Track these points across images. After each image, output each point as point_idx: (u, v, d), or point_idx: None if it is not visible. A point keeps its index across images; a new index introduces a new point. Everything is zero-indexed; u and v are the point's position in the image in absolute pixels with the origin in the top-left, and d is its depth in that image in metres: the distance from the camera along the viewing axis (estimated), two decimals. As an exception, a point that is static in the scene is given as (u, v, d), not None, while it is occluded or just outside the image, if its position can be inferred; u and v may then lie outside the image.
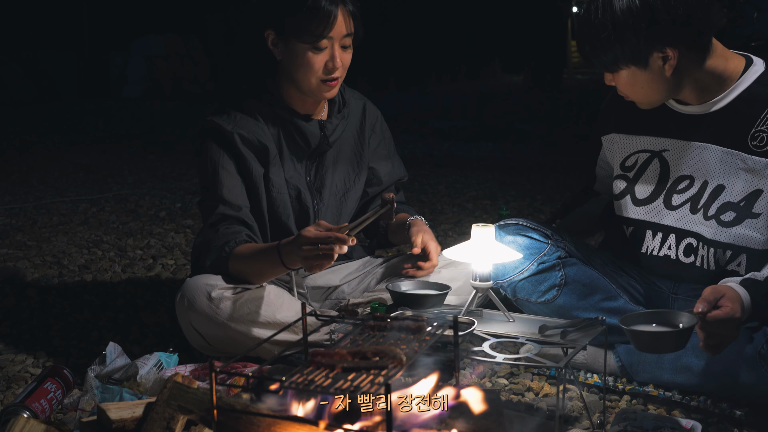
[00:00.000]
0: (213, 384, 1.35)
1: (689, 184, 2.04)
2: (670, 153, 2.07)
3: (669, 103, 2.06)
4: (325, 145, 2.31)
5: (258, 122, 2.26)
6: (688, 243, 2.04)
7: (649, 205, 2.09)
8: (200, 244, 2.23)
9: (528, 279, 2.16)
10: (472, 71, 17.10)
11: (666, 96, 2.00)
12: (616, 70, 1.95)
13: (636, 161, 2.12)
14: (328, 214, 2.37)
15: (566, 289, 2.13)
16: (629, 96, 2.01)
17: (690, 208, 2.03)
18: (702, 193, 2.01)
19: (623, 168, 2.15)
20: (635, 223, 2.12)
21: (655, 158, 2.09)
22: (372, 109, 2.47)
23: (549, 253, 2.15)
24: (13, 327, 2.61)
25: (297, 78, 2.20)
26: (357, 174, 2.42)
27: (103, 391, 1.92)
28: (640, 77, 1.94)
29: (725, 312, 1.69)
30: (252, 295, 2.14)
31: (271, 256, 2.07)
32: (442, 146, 7.05)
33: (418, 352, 1.41)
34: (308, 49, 2.15)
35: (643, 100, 2.01)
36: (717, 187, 1.99)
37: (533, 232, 2.19)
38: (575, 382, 2.03)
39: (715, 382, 1.93)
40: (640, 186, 2.11)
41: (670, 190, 2.07)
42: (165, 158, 6.53)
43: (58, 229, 4.07)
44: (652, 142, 2.10)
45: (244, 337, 2.11)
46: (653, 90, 1.96)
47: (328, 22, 2.12)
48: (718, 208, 1.98)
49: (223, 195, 2.20)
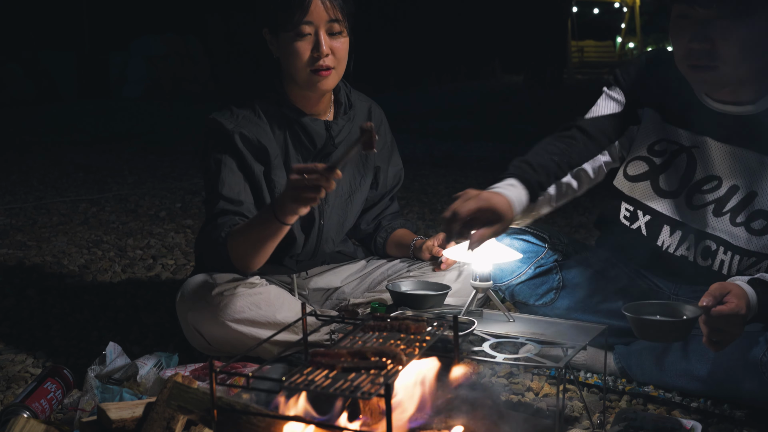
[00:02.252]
0: (213, 384, 1.35)
1: (716, 186, 1.94)
2: (700, 150, 1.95)
3: (704, 99, 1.92)
4: (331, 146, 2.30)
5: (261, 122, 2.25)
6: (706, 246, 1.98)
7: (672, 200, 2.00)
8: (200, 238, 2.24)
9: (526, 283, 2.15)
10: (472, 71, 17.11)
11: (749, 75, 1.80)
12: (750, 15, 1.67)
13: (666, 149, 2.00)
14: (334, 216, 2.36)
15: (564, 292, 2.12)
16: (726, 64, 1.75)
17: (713, 210, 1.95)
18: (729, 197, 1.92)
19: (651, 151, 2.01)
20: (653, 213, 2.03)
21: (683, 153, 1.98)
22: (377, 111, 2.46)
23: (546, 256, 2.15)
24: (13, 327, 2.61)
25: (290, 71, 2.21)
26: (363, 176, 2.41)
27: (103, 391, 1.91)
28: (756, 33, 1.71)
29: (730, 308, 1.65)
30: (252, 295, 2.14)
31: (264, 215, 2.06)
32: (442, 146, 7.06)
33: (418, 352, 1.41)
34: (292, 38, 2.16)
35: (734, 73, 1.77)
36: (749, 193, 1.90)
37: (530, 236, 2.18)
38: (575, 382, 2.03)
39: (715, 388, 1.92)
40: (665, 176, 2.00)
41: (693, 188, 1.97)
42: (165, 158, 6.53)
43: (58, 229, 4.07)
44: (685, 136, 1.97)
45: (244, 337, 2.11)
46: (757, 55, 1.74)
47: (303, 6, 2.13)
48: (749, 215, 1.90)
49: (224, 192, 2.20)
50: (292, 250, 2.31)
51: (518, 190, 1.85)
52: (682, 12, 1.75)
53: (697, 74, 1.80)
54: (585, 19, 23.74)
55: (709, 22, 1.72)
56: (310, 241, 2.33)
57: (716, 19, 1.70)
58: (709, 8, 1.68)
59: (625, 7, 22.21)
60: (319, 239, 2.34)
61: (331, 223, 2.34)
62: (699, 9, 1.70)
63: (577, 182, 2.00)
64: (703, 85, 1.84)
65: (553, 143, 2.01)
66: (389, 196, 2.52)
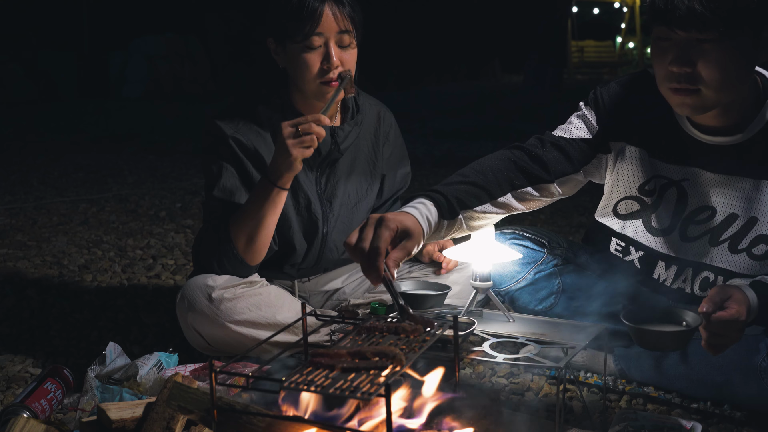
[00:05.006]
0: (213, 384, 1.35)
1: (710, 216, 1.90)
2: (690, 183, 1.91)
3: (691, 131, 1.87)
4: (336, 153, 2.27)
5: (261, 130, 2.22)
6: (704, 277, 1.95)
7: (666, 237, 1.97)
8: (200, 240, 2.23)
9: (525, 288, 2.14)
10: (472, 71, 17.11)
11: (734, 96, 1.75)
12: (730, 38, 1.63)
13: (655, 187, 1.96)
14: (339, 225, 2.32)
15: (564, 296, 2.12)
16: (707, 87, 1.69)
17: (709, 241, 1.91)
18: (727, 226, 1.88)
19: (642, 191, 1.98)
20: (646, 249, 2.02)
21: (672, 187, 1.93)
22: (387, 116, 2.42)
23: (545, 261, 2.14)
24: (13, 327, 2.61)
25: (298, 82, 2.17)
26: (370, 184, 2.38)
27: (103, 391, 1.91)
28: (744, 56, 1.66)
29: (730, 314, 1.62)
30: (252, 296, 2.14)
31: (260, 186, 2.08)
32: (442, 146, 7.06)
33: (418, 352, 1.41)
34: (302, 50, 2.12)
35: (715, 96, 1.71)
36: (750, 219, 1.86)
37: (529, 241, 2.17)
38: (575, 382, 2.03)
39: (714, 392, 1.91)
40: (656, 215, 1.97)
41: (686, 221, 1.93)
42: (165, 158, 6.53)
43: (58, 229, 4.07)
44: (674, 170, 1.93)
45: (244, 338, 2.11)
46: (739, 78, 1.69)
47: (314, 18, 2.08)
48: (750, 241, 1.86)
49: (223, 196, 2.19)
50: (292, 259, 2.29)
51: (426, 207, 1.79)
52: (662, 34, 1.70)
53: (678, 97, 1.74)
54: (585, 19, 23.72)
55: (689, 44, 1.67)
56: (313, 250, 2.31)
57: (697, 42, 1.66)
58: (689, 31, 1.64)
59: (625, 7, 22.19)
60: (322, 247, 2.32)
61: (336, 232, 2.32)
62: (679, 32, 1.66)
63: (519, 203, 1.94)
64: (685, 108, 1.77)
65: (503, 159, 1.95)
66: (394, 198, 2.51)
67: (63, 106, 11.39)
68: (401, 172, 2.47)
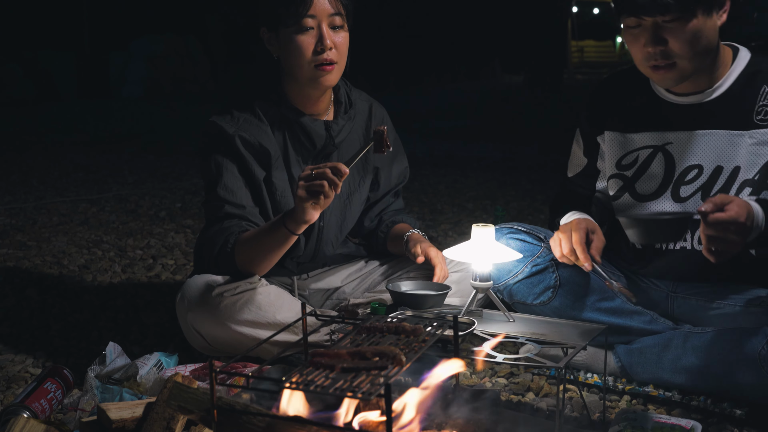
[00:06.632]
0: (213, 384, 1.35)
1: (698, 173, 2.04)
2: (674, 145, 2.06)
3: (665, 96, 2.07)
4: (331, 146, 2.30)
5: (262, 124, 2.25)
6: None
7: (656, 200, 2.09)
8: (204, 241, 2.23)
9: (523, 282, 2.15)
10: (472, 71, 17.12)
11: (705, 62, 1.96)
12: (690, 17, 1.87)
13: (636, 158, 2.11)
14: (332, 218, 2.34)
15: (561, 291, 2.13)
16: (681, 59, 1.92)
17: (701, 197, 2.03)
18: (715, 179, 2.01)
19: (619, 167, 2.14)
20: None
21: (658, 152, 2.08)
22: (378, 110, 2.45)
23: (542, 255, 2.15)
24: (13, 327, 2.61)
25: (292, 68, 2.19)
26: (362, 177, 2.40)
27: (103, 391, 1.92)
28: (705, 29, 1.90)
29: (729, 215, 1.71)
30: (252, 295, 2.14)
31: (273, 225, 2.09)
32: (442, 146, 7.06)
33: (417, 352, 1.41)
34: (294, 33, 2.15)
35: (690, 65, 1.93)
36: (734, 169, 1.99)
37: (526, 235, 2.18)
38: (575, 382, 2.03)
39: (715, 383, 1.93)
40: (642, 183, 2.10)
41: (677, 183, 2.06)
42: (165, 158, 6.54)
43: (58, 229, 4.07)
44: (653, 137, 2.09)
45: (244, 338, 2.11)
46: (705, 48, 1.91)
47: (306, 0, 2.13)
48: (737, 188, 1.99)
49: (226, 195, 2.19)
50: (293, 253, 2.30)
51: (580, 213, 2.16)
52: (631, 23, 1.95)
53: (659, 73, 1.97)
54: (585, 19, 23.75)
55: (657, 26, 1.91)
56: (310, 244, 2.32)
57: (663, 23, 1.90)
58: (654, 16, 1.90)
59: (625, 7, 22.24)
60: (319, 241, 2.33)
61: (330, 226, 2.34)
62: (646, 18, 1.91)
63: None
64: (668, 82, 1.99)
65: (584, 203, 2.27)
66: (392, 193, 2.51)
67: (63, 106, 11.40)
68: (398, 166, 2.49)
